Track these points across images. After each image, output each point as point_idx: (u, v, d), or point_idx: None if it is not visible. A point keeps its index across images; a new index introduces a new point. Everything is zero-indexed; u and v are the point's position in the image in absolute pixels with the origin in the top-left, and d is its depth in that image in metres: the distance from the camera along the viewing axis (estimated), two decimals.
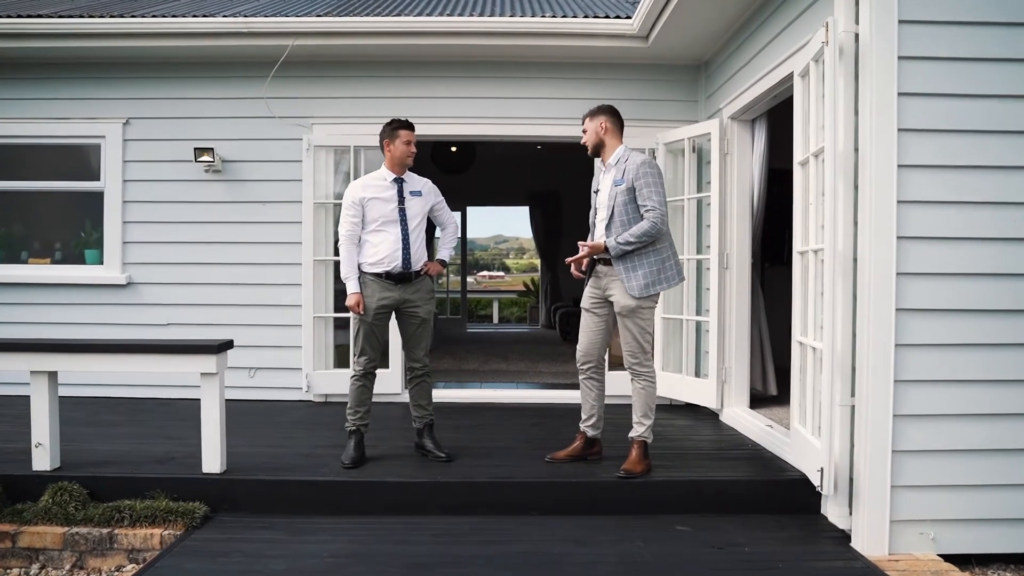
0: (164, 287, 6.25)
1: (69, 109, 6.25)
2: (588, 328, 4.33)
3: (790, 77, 4.29)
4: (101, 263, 6.31)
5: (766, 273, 6.62)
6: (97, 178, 6.28)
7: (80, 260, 6.43)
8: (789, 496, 4.01)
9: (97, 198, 6.30)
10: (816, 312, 3.85)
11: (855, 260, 3.60)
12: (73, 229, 6.55)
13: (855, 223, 3.60)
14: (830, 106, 3.54)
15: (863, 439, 3.53)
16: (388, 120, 4.48)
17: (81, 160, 6.38)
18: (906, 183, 3.50)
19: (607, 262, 4.19)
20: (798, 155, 4.10)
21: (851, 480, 3.63)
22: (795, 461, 4.16)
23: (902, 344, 3.50)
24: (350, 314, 4.39)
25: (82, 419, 5.37)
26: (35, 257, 6.49)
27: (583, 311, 4.36)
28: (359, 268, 4.38)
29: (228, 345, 4.08)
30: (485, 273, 35.83)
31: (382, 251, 4.35)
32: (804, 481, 3.96)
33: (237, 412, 5.65)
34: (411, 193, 4.45)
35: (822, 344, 3.62)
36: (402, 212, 4.39)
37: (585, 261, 4.27)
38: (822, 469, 3.57)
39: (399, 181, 4.43)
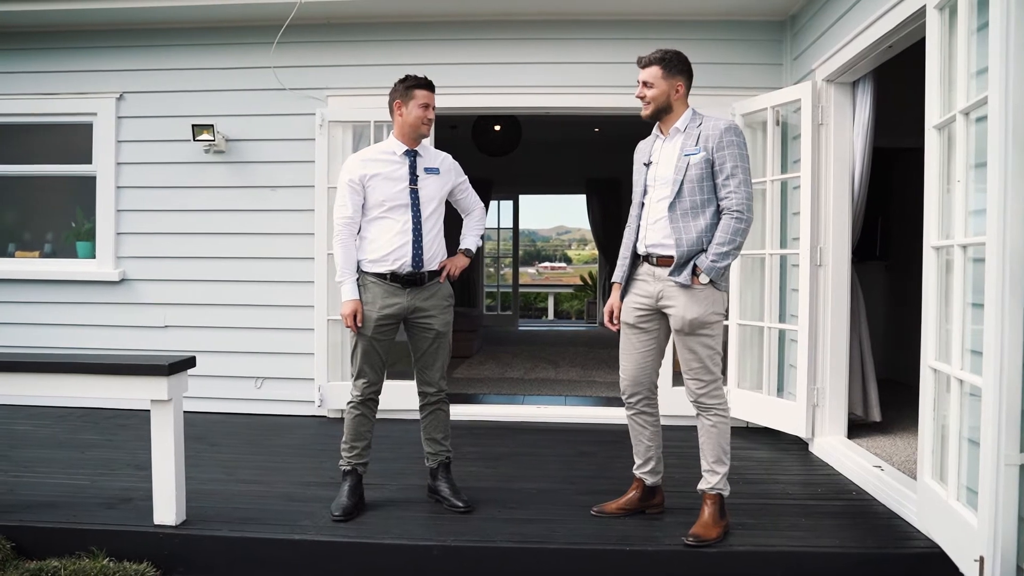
0: (161, 284, 5.48)
1: (57, 83, 5.51)
2: (634, 349, 3.32)
3: (920, 14, 3.23)
4: (94, 257, 5.57)
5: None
6: (89, 161, 5.55)
7: (72, 253, 5.71)
8: None
9: (89, 183, 5.56)
10: (964, 330, 2.81)
11: None
12: (66, 218, 5.84)
13: None
14: (998, 40, 2.48)
15: None
16: (402, 77, 3.53)
17: (73, 140, 5.64)
18: None
19: (664, 261, 3.21)
20: (933, 116, 3.05)
21: (1019, 570, 2.58)
22: (924, 526, 3.11)
23: None
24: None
25: (55, 439, 4.64)
26: (23, 250, 5.80)
27: (624, 326, 3.34)
28: (358, 267, 3.50)
29: (187, 364, 3.22)
30: (547, 264, 35.90)
31: (387, 244, 3.42)
32: (938, 556, 2.93)
33: (236, 428, 5.00)
34: (426, 170, 3.51)
35: (980, 378, 2.58)
36: (414, 194, 3.45)
37: (618, 304, 3.38)
38: (982, 559, 2.52)
39: (411, 155, 3.49)
